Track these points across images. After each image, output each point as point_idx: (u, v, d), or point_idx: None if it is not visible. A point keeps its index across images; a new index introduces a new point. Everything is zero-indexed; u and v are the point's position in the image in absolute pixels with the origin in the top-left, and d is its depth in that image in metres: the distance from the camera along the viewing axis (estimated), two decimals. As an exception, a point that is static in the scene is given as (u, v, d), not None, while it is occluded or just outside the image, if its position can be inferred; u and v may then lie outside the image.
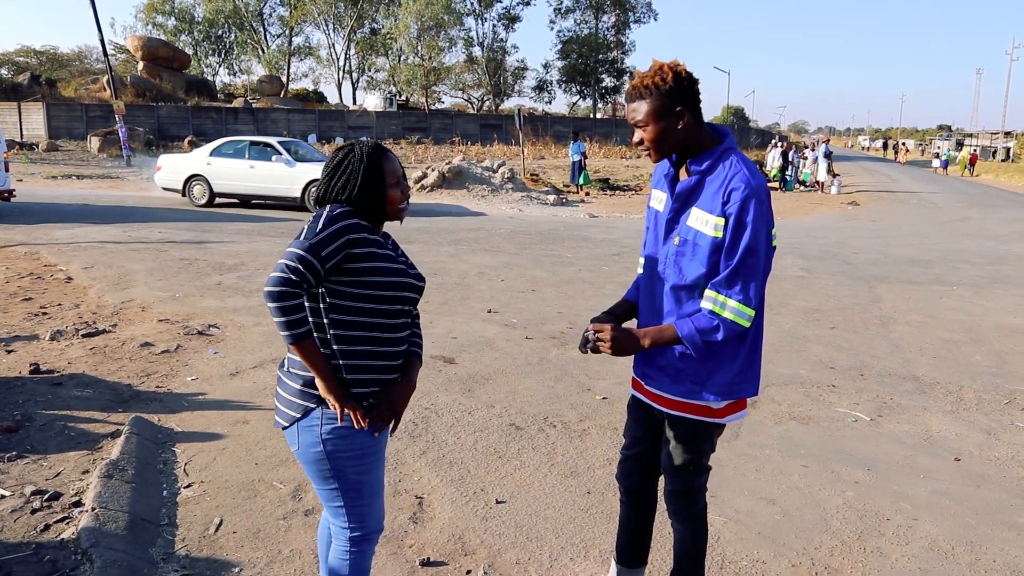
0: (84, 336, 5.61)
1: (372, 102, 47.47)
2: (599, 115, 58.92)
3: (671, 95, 2.08)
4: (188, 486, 3.44)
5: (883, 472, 3.86)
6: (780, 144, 30.91)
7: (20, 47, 43.01)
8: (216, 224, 12.35)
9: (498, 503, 3.38)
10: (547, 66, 60.74)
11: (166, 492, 3.38)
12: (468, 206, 17.37)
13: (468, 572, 2.86)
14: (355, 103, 54.72)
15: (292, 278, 1.89)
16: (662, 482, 2.45)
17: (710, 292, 2.11)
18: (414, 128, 40.95)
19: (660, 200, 2.30)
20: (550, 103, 61.70)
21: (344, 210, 1.99)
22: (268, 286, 1.90)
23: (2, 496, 3.19)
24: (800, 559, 3.03)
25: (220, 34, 55.86)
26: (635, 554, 2.60)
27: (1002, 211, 20.35)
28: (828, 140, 37.34)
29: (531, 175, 23.02)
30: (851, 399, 4.95)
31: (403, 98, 51.53)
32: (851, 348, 6.17)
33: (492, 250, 10.68)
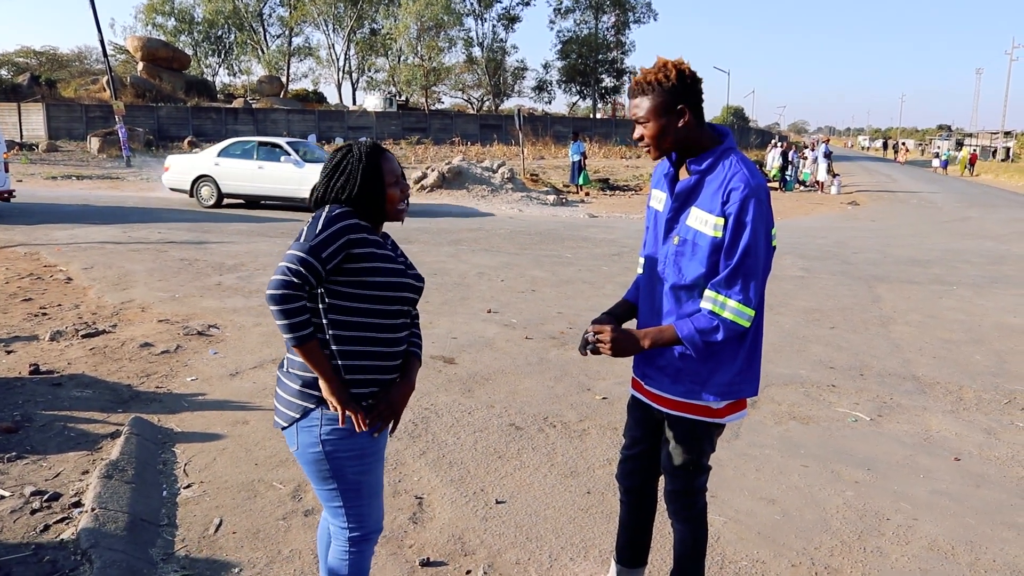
0: (84, 336, 5.61)
1: (372, 102, 47.46)
2: (599, 115, 58.91)
3: (673, 92, 2.08)
4: (188, 486, 3.44)
5: (883, 472, 3.86)
6: (780, 144, 30.92)
7: (20, 47, 43.16)
8: (216, 224, 12.35)
9: (498, 503, 3.38)
10: (547, 66, 60.82)
11: (166, 492, 3.38)
12: (468, 206, 17.37)
13: (468, 572, 2.86)
14: (355, 103, 54.75)
15: (294, 280, 1.89)
16: (662, 482, 2.45)
17: (710, 292, 2.11)
18: (414, 128, 40.96)
19: (660, 200, 2.30)
20: (550, 103, 61.80)
21: (343, 210, 1.98)
22: (270, 289, 1.90)
23: (2, 496, 3.19)
24: (800, 559, 3.03)
25: (220, 34, 55.90)
26: (635, 554, 2.60)
27: (1002, 211, 20.35)
28: (828, 140, 37.37)
29: (531, 175, 23.02)
30: (851, 399, 4.95)
31: (403, 98, 51.53)
32: (851, 348, 6.17)
33: (492, 250, 10.68)
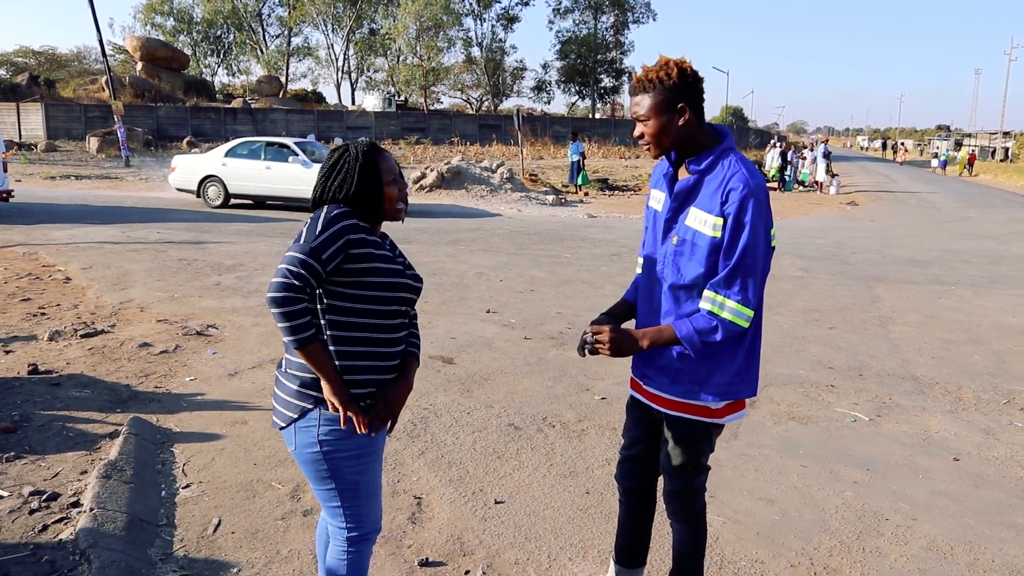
0: (82, 336, 5.60)
1: (371, 102, 47.41)
2: (598, 115, 58.90)
3: (675, 91, 2.08)
4: (186, 486, 3.44)
5: (882, 472, 3.86)
6: (779, 144, 30.94)
7: (18, 47, 43.10)
8: (215, 224, 12.34)
9: (497, 503, 3.38)
10: (546, 66, 60.82)
11: (164, 492, 3.37)
12: (467, 206, 17.37)
13: (467, 572, 2.86)
14: (354, 103, 54.71)
15: (295, 283, 1.88)
16: (661, 482, 2.45)
17: (708, 292, 2.11)
18: (413, 128, 40.95)
19: (659, 200, 2.30)
20: (549, 103, 61.79)
21: (342, 211, 1.98)
22: (271, 292, 1.89)
23: (0, 496, 3.19)
24: (799, 559, 3.03)
25: (219, 34, 55.88)
26: (634, 554, 2.60)
27: (1001, 211, 20.36)
28: (827, 140, 37.42)
29: (530, 175, 23.03)
30: (850, 399, 4.95)
31: (402, 98, 51.49)
32: (850, 348, 6.17)
33: (491, 250, 10.68)
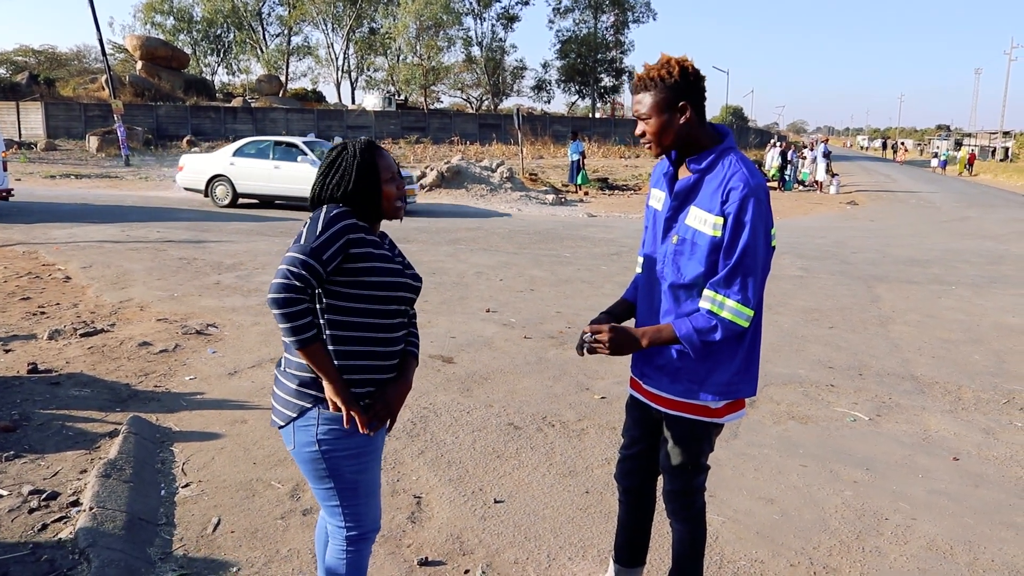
0: (82, 335, 5.60)
1: (371, 102, 47.37)
2: (598, 115, 58.85)
3: (676, 89, 2.08)
4: (186, 485, 3.43)
5: (882, 472, 3.86)
6: (779, 144, 30.94)
7: (18, 46, 43.01)
8: (214, 224, 12.34)
9: (496, 503, 3.38)
10: (546, 66, 60.71)
11: (164, 492, 3.37)
12: (467, 205, 17.37)
13: (466, 572, 2.86)
14: (354, 103, 54.65)
15: (296, 284, 1.88)
16: (661, 482, 2.45)
17: (708, 292, 2.11)
18: (413, 128, 40.91)
19: (659, 199, 2.29)
20: (549, 103, 61.70)
21: (342, 210, 1.98)
22: (272, 292, 1.89)
23: (0, 495, 3.19)
24: (799, 558, 3.03)
25: (219, 33, 55.81)
26: (633, 554, 2.60)
27: (1001, 211, 20.36)
28: (827, 140, 37.41)
29: (530, 174, 23.02)
30: (850, 399, 4.95)
31: (402, 98, 51.44)
32: (850, 348, 6.17)
33: (491, 249, 10.68)
